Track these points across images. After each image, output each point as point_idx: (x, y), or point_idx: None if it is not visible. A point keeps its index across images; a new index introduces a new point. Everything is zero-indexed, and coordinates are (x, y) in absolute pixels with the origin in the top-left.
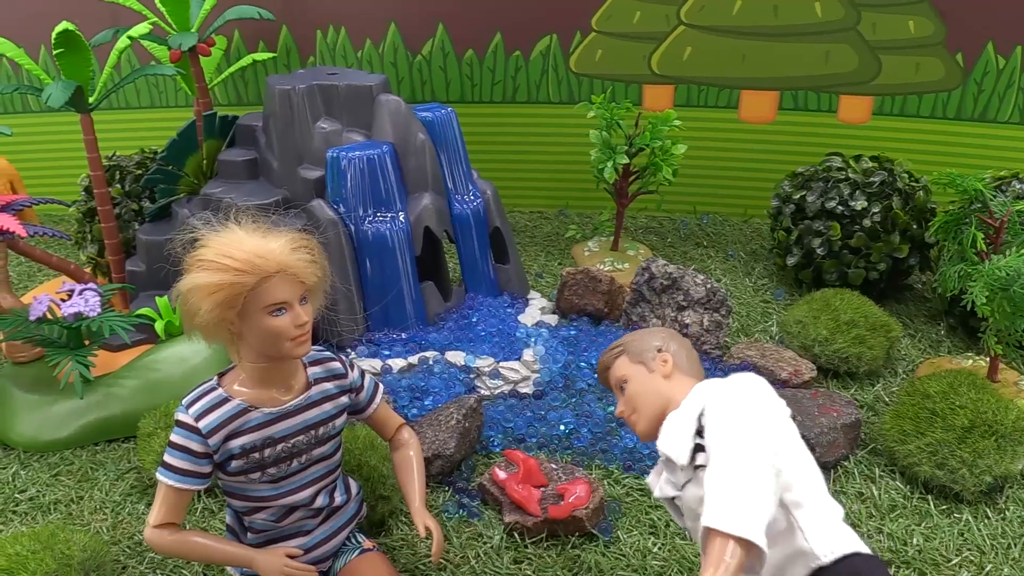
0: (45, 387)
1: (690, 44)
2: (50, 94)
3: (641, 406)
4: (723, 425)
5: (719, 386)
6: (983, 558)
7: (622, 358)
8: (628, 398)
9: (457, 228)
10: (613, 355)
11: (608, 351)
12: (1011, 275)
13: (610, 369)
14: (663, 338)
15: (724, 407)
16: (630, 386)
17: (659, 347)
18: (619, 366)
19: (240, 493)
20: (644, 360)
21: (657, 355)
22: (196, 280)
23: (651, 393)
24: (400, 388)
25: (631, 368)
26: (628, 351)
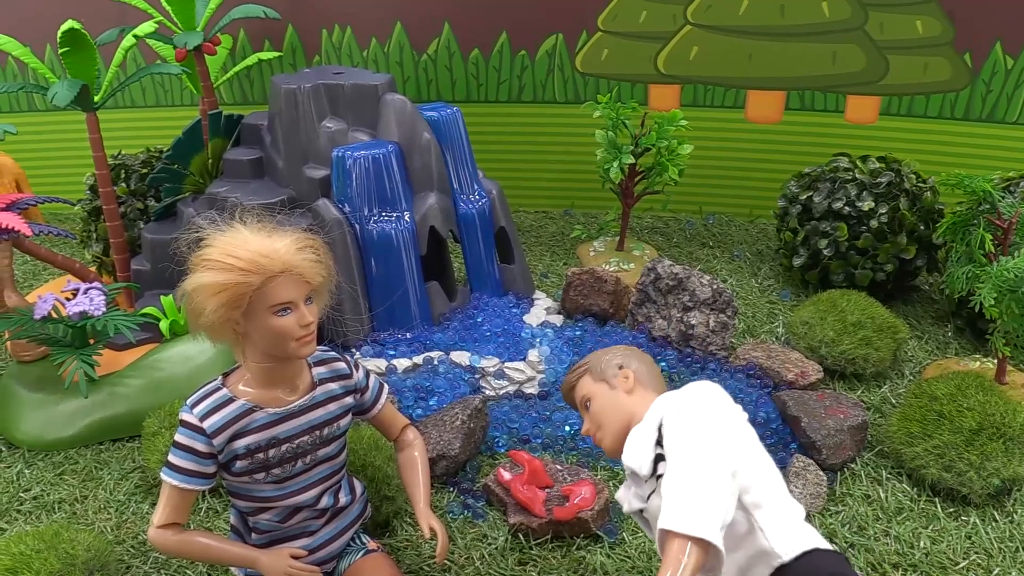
0: (50, 386)
1: (696, 44)
2: (55, 93)
3: (605, 422)
4: (678, 431)
5: (676, 396)
6: (991, 561)
7: (585, 377)
8: (593, 415)
9: (462, 228)
10: (576, 375)
11: (571, 371)
12: (1019, 276)
13: (574, 388)
14: (624, 355)
15: (679, 415)
16: (594, 404)
17: (620, 364)
18: (582, 385)
19: (245, 493)
20: (606, 378)
21: (619, 372)
22: (201, 280)
23: (614, 409)
24: (405, 388)
25: (594, 386)
26: (591, 370)
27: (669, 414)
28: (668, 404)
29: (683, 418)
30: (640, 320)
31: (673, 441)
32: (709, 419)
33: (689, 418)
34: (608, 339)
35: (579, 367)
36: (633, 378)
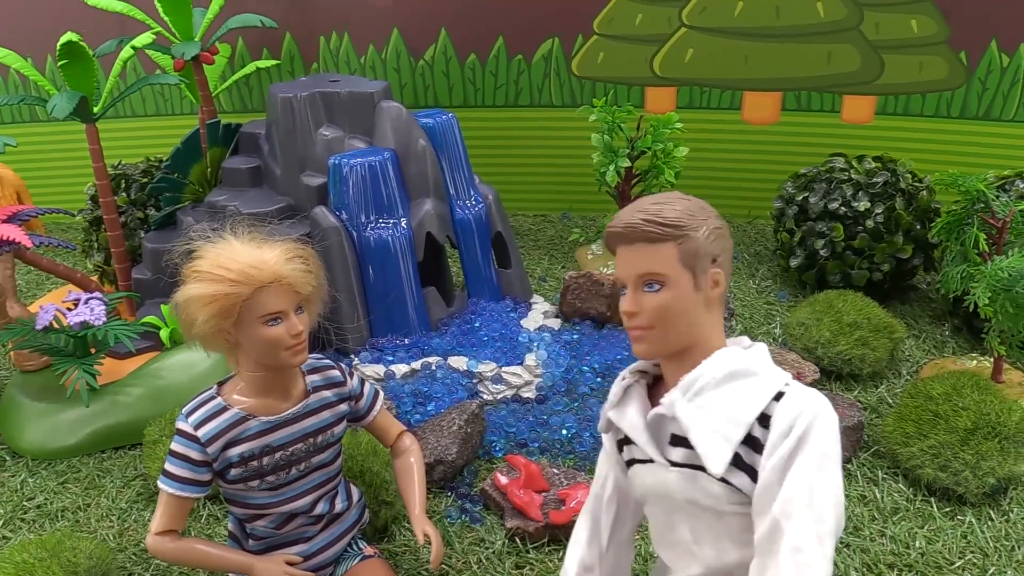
0: (52, 395)
1: (692, 46)
2: (55, 105)
3: (670, 328)
4: (811, 482)
5: (801, 403)
6: (986, 561)
7: (670, 246)
8: (658, 307)
9: (459, 233)
10: (659, 231)
11: (652, 218)
12: (1014, 275)
13: (640, 247)
14: (722, 242)
15: (813, 451)
16: (668, 295)
17: (716, 255)
18: (663, 255)
19: (240, 500)
20: (696, 267)
21: (711, 268)
22: (192, 291)
23: (688, 317)
24: (403, 393)
25: (677, 269)
26: (683, 242)
27: (783, 423)
28: (790, 408)
29: (820, 469)
30: None
31: (797, 498)
32: (840, 476)
33: (827, 478)
34: (605, 343)
35: (668, 221)
36: (723, 286)
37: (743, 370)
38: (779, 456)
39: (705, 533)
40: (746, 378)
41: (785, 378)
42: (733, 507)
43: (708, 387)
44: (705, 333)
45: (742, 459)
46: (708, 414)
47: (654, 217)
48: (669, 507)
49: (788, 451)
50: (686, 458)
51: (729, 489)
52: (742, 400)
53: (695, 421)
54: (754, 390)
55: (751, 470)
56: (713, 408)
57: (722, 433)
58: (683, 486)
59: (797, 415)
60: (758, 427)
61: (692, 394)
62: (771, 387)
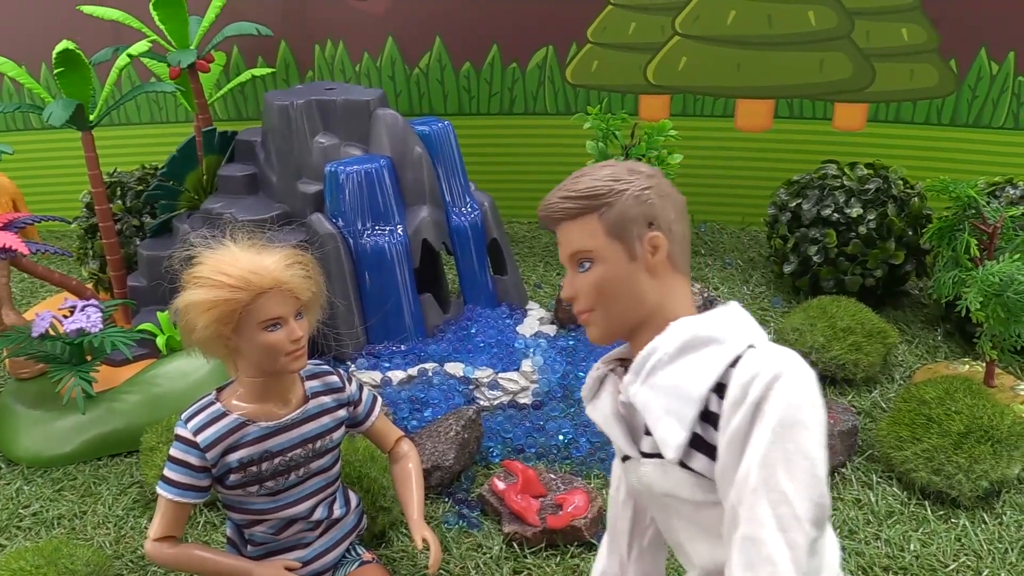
0: (48, 403)
1: (685, 54)
2: (51, 113)
3: (610, 305)
4: (766, 467)
5: (757, 364)
6: (980, 563)
7: (592, 219)
8: (592, 285)
9: (455, 240)
10: (576, 206)
11: (567, 194)
12: (1004, 281)
13: (565, 225)
14: (656, 201)
15: (773, 425)
16: (599, 271)
17: (651, 219)
18: (584, 230)
19: (239, 506)
20: (626, 237)
21: (647, 233)
22: (192, 297)
23: (629, 291)
24: (400, 400)
25: (604, 243)
26: (605, 211)
27: (735, 390)
28: (746, 371)
29: (781, 437)
30: None
31: (753, 468)
32: (816, 446)
33: (794, 444)
34: (601, 348)
35: (583, 193)
36: (664, 250)
37: (702, 338)
38: (732, 430)
39: (692, 529)
40: (704, 347)
41: (751, 339)
42: (708, 496)
43: (661, 363)
44: (655, 305)
45: (702, 439)
46: (660, 394)
47: (569, 191)
48: (656, 504)
49: (742, 422)
50: (653, 446)
51: (694, 475)
52: (695, 372)
53: (649, 403)
54: (710, 359)
55: (713, 449)
56: (665, 387)
57: (674, 413)
58: (657, 478)
59: (751, 378)
60: (716, 400)
61: (645, 374)
62: (729, 353)
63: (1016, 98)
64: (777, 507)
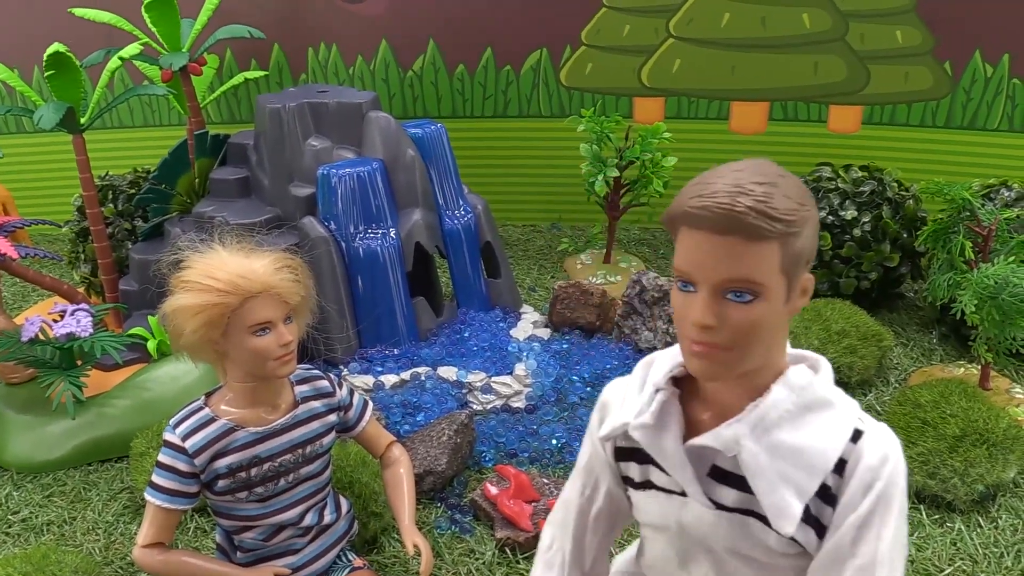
0: (38, 408)
1: (679, 56)
2: (41, 116)
3: (754, 347)
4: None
5: (883, 449)
6: (976, 567)
7: (775, 248)
8: (750, 322)
9: (448, 243)
10: (770, 227)
11: (764, 208)
12: (999, 283)
13: (742, 246)
14: (815, 238)
15: (897, 517)
16: (762, 308)
17: (810, 259)
18: (762, 258)
19: (228, 512)
20: (793, 275)
21: (803, 273)
22: (180, 301)
23: (772, 335)
24: (392, 404)
25: (776, 277)
26: (790, 243)
27: (865, 474)
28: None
29: (900, 527)
30: (626, 332)
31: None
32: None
33: (905, 532)
34: (595, 352)
35: (779, 214)
36: (808, 296)
37: (820, 400)
38: (859, 514)
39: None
40: (823, 410)
41: (856, 409)
42: (785, 560)
43: (782, 422)
44: (777, 352)
45: (810, 511)
46: (779, 458)
47: (766, 207)
48: (694, 546)
49: (870, 508)
50: (739, 502)
51: (788, 543)
52: (819, 441)
53: (764, 467)
54: (830, 428)
55: (818, 523)
56: (786, 451)
57: (795, 483)
58: (728, 533)
59: (881, 463)
60: (831, 474)
61: (762, 430)
62: (847, 423)
63: (1011, 100)
64: None
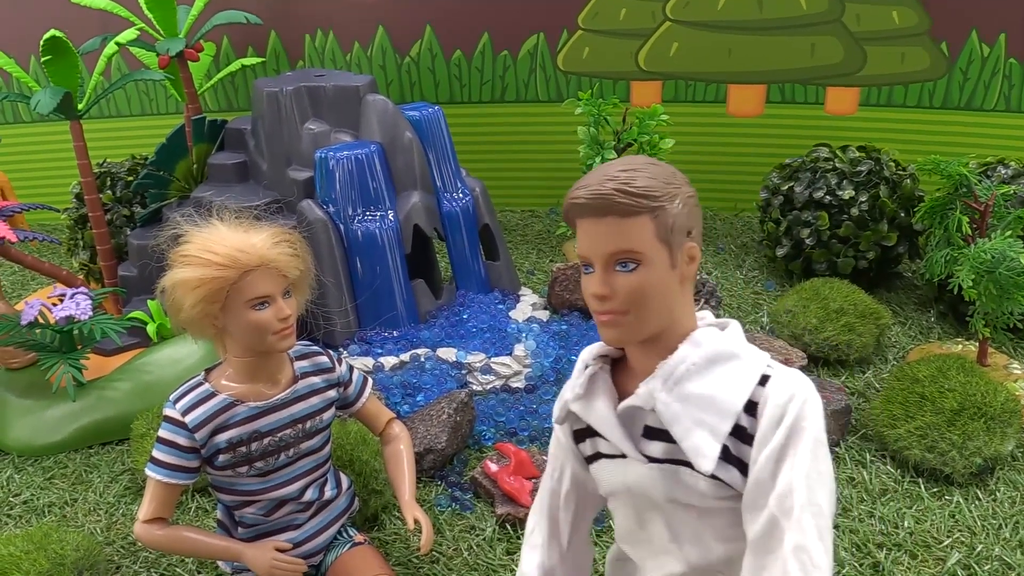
0: (39, 392)
1: (676, 40)
2: (38, 101)
3: (646, 310)
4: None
5: (790, 387)
6: (974, 539)
7: (646, 220)
8: (635, 288)
9: (446, 226)
10: (634, 204)
11: (626, 189)
12: (996, 258)
13: (612, 220)
14: (695, 211)
15: (811, 445)
16: (643, 274)
17: (690, 229)
18: (636, 230)
19: (228, 487)
20: (672, 242)
21: (686, 242)
22: (179, 275)
23: (664, 298)
24: (392, 385)
25: (654, 245)
26: (659, 214)
27: (774, 410)
28: (777, 392)
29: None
30: None
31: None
32: (831, 464)
33: (819, 469)
34: (594, 333)
35: (640, 191)
36: (698, 262)
37: (725, 352)
38: (772, 447)
39: (684, 530)
40: (728, 361)
41: (766, 359)
42: (720, 503)
43: (690, 374)
44: (678, 314)
45: (730, 452)
46: (691, 405)
47: (627, 186)
48: (643, 504)
49: (781, 441)
50: (666, 452)
51: (717, 484)
52: (727, 387)
53: (678, 414)
54: (738, 375)
55: (740, 463)
56: (696, 398)
57: (708, 426)
58: (663, 483)
59: (788, 400)
60: (744, 415)
61: (673, 383)
62: (755, 370)
63: (1007, 80)
64: (817, 519)
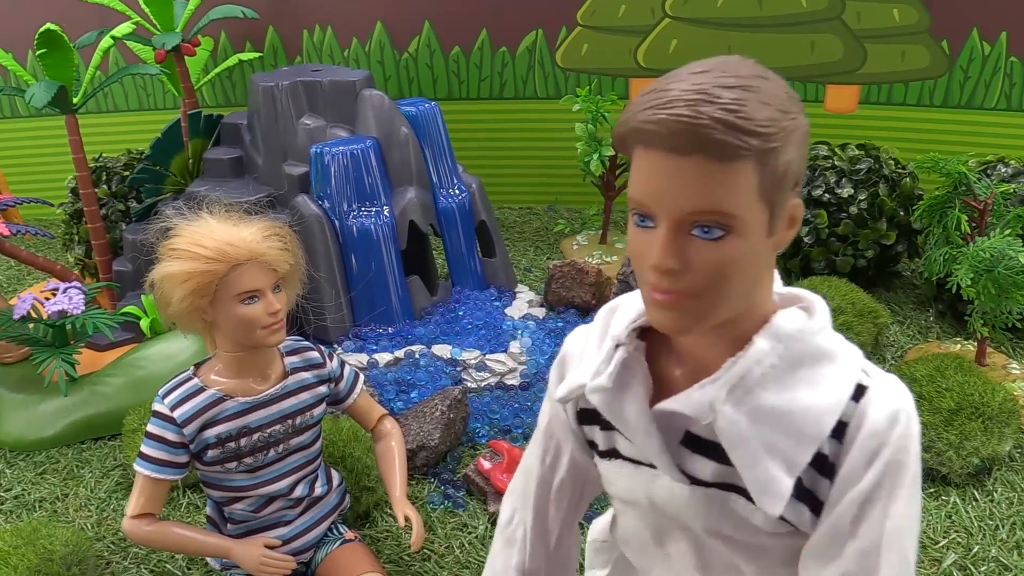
0: (31, 387)
1: (676, 36)
2: (33, 94)
3: (729, 292)
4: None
5: (892, 406)
6: (971, 540)
7: (750, 169)
8: (723, 262)
9: (442, 222)
10: (744, 142)
11: (734, 119)
12: (995, 256)
13: (709, 167)
14: (805, 154)
15: (910, 489)
16: (736, 245)
17: (798, 180)
18: (738, 183)
19: (218, 483)
20: (776, 200)
21: (790, 198)
22: (168, 269)
23: (754, 275)
24: (386, 382)
25: (754, 206)
26: (769, 160)
27: (870, 441)
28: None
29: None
30: None
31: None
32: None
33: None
34: None
35: (757, 125)
36: (797, 227)
37: (816, 351)
38: (862, 489)
39: (716, 559)
40: (818, 363)
41: (859, 358)
42: (774, 540)
43: (767, 380)
44: (761, 295)
45: (803, 484)
46: (763, 424)
47: (736, 118)
48: (669, 524)
49: (876, 481)
50: (717, 476)
51: (777, 523)
52: (811, 403)
53: (745, 435)
54: (828, 384)
55: (812, 498)
56: (772, 414)
57: (782, 455)
58: (705, 511)
59: (888, 428)
60: (827, 440)
61: (743, 392)
62: (848, 378)
63: (1008, 79)
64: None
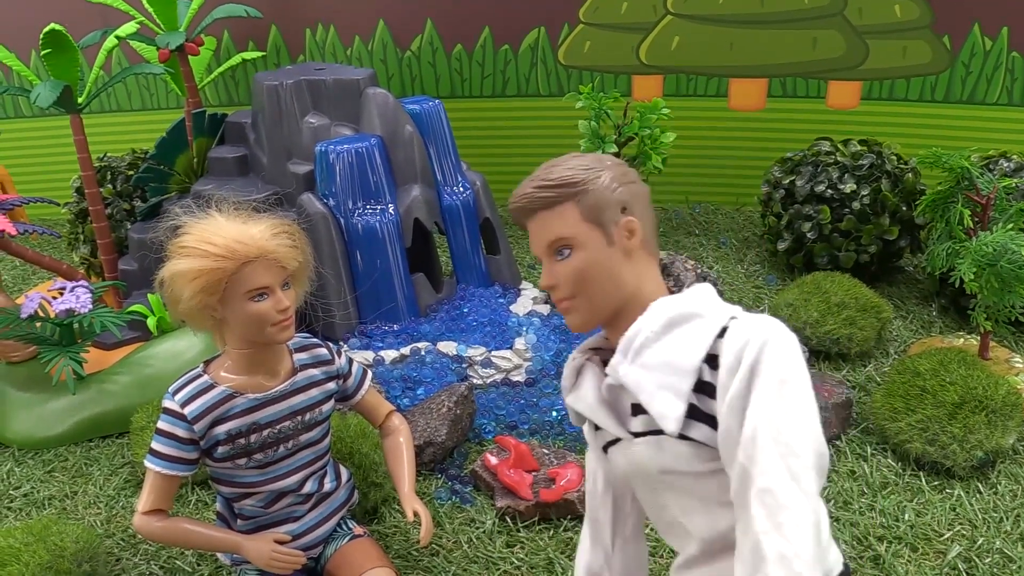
0: (39, 385)
1: (678, 33)
2: (38, 94)
3: (592, 291)
4: (772, 423)
5: (746, 331)
6: (975, 532)
7: (569, 207)
8: (574, 272)
9: (447, 219)
10: (554, 194)
11: (543, 183)
12: (998, 250)
13: (541, 216)
14: (626, 186)
15: (773, 384)
16: (579, 257)
17: (624, 205)
18: (562, 218)
19: (228, 479)
20: (603, 222)
21: (622, 219)
22: (178, 267)
23: (609, 275)
24: (392, 379)
25: (583, 229)
26: (582, 198)
27: (729, 357)
28: (735, 339)
29: (781, 394)
30: None
31: (760, 425)
32: (810, 402)
33: (789, 400)
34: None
35: (557, 182)
36: (640, 234)
37: (683, 314)
38: (732, 395)
39: (690, 502)
40: (687, 323)
41: (731, 312)
42: (707, 465)
43: (648, 342)
44: (634, 288)
45: (699, 409)
46: (654, 371)
47: (544, 181)
48: (649, 484)
49: (741, 387)
50: (646, 425)
51: (694, 445)
52: (685, 346)
53: (641, 381)
54: (697, 332)
55: (710, 418)
56: (657, 364)
57: (669, 387)
58: (652, 456)
59: (744, 344)
60: (708, 370)
61: (633, 353)
62: (715, 324)
63: (1010, 74)
64: (786, 459)
